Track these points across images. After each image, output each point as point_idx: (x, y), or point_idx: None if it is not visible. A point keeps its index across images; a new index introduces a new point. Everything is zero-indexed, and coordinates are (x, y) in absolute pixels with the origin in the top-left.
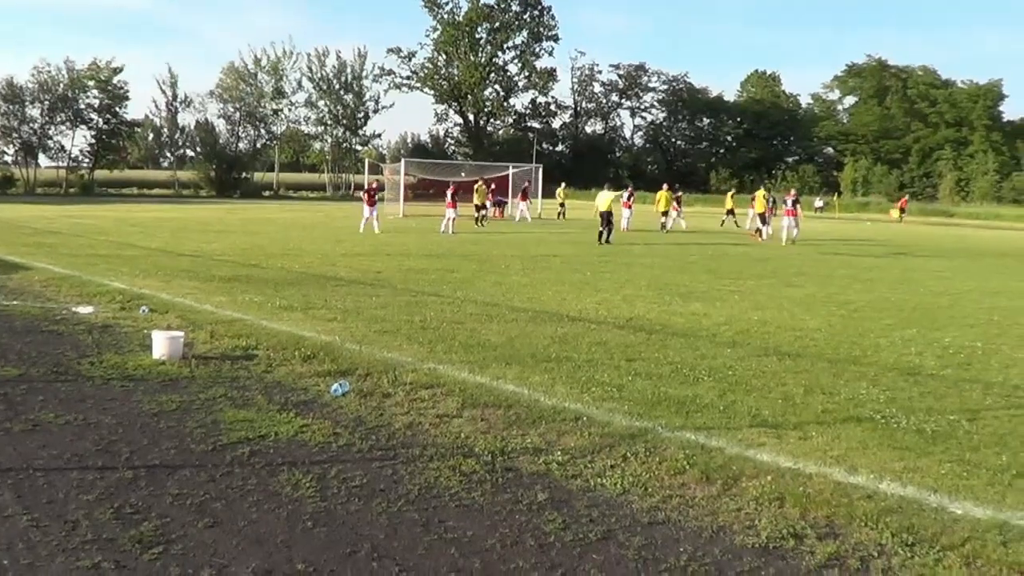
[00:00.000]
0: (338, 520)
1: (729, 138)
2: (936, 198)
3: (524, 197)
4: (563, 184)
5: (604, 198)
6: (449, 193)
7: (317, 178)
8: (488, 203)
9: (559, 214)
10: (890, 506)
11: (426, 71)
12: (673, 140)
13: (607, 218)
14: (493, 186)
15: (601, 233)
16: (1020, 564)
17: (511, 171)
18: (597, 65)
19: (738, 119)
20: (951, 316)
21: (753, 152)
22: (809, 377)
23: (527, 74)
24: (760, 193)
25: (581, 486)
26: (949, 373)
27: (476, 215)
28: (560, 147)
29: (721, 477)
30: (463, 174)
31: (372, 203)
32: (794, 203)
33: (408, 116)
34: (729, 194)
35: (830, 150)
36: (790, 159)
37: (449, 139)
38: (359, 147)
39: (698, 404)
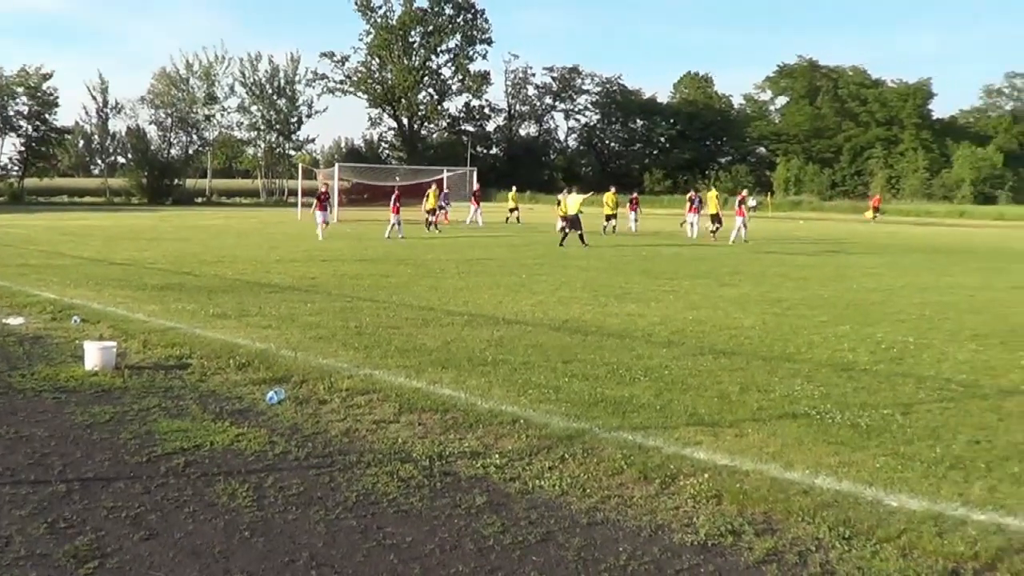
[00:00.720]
0: (276, 529)
1: (663, 139)
2: (867, 196)
3: (477, 201)
4: (514, 188)
5: (573, 201)
6: (393, 198)
7: (250, 184)
8: (443, 206)
9: (508, 219)
10: (826, 500)
11: (359, 75)
12: (607, 142)
13: (575, 221)
14: (447, 190)
15: (564, 236)
16: (956, 554)
17: (445, 175)
18: (531, 68)
19: (671, 120)
20: (883, 312)
21: (687, 153)
22: (744, 375)
23: (461, 77)
24: (713, 194)
25: (519, 489)
26: (882, 368)
27: (428, 219)
28: (495, 150)
29: (659, 476)
30: (397, 178)
31: (323, 208)
32: (740, 203)
33: (342, 121)
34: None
35: (762, 150)
36: (723, 159)
37: (383, 143)
38: (292, 152)
39: (635, 404)
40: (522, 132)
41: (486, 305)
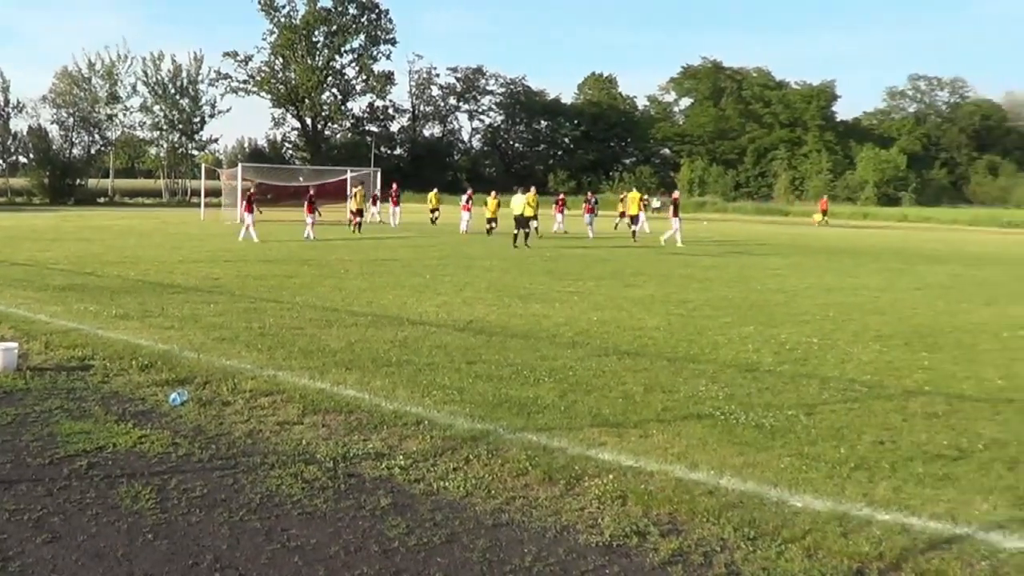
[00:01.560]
0: (179, 532)
1: (567, 140)
2: (771, 197)
3: (396, 202)
4: (435, 190)
5: (518, 201)
6: (307, 199)
7: (153, 184)
8: (373, 207)
9: (434, 220)
10: (731, 501)
11: (263, 75)
12: (511, 143)
13: (524, 221)
14: (395, 187)
15: (516, 236)
16: (860, 554)
17: (349, 175)
18: (435, 68)
19: (576, 121)
20: (787, 313)
21: (591, 154)
22: (649, 376)
23: (365, 78)
24: (635, 195)
25: (424, 490)
26: (786, 369)
27: (352, 220)
28: (399, 150)
29: (564, 477)
30: (301, 179)
31: (250, 210)
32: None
33: (245, 120)
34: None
35: (667, 151)
36: (628, 160)
37: (287, 144)
38: (196, 152)
39: (539, 405)
40: (426, 133)
41: (390, 306)
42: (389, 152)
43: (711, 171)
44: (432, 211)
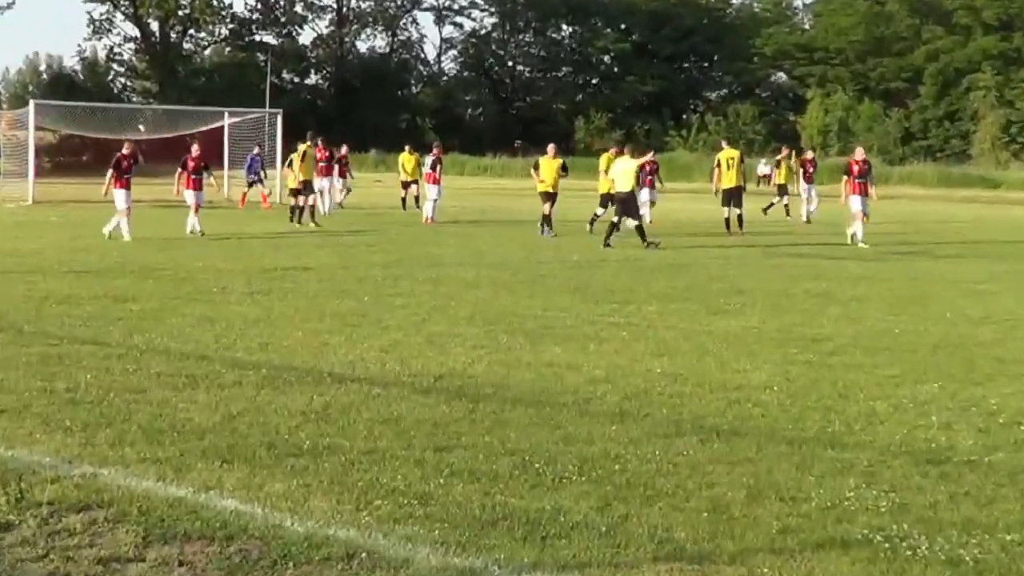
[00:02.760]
0: None
1: (607, 59)
2: (968, 156)
3: (342, 171)
4: (407, 148)
5: (625, 170)
6: (189, 164)
7: None
8: (338, 180)
9: (405, 200)
10: None
11: None
12: (509, 63)
13: (629, 203)
14: (345, 149)
15: (614, 225)
16: None
17: (228, 121)
18: None
19: (623, 27)
20: (1000, 359)
21: (649, 83)
22: (755, 471)
23: None
24: (728, 153)
25: None
26: (1001, 459)
27: (294, 204)
28: (314, 78)
29: None
30: (141, 127)
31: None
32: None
33: (39, 25)
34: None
35: (782, 77)
36: (713, 94)
37: (115, 64)
38: None
39: (563, 524)
40: (362, 47)
41: (300, 349)
42: (297, 80)
43: (861, 110)
44: (405, 185)
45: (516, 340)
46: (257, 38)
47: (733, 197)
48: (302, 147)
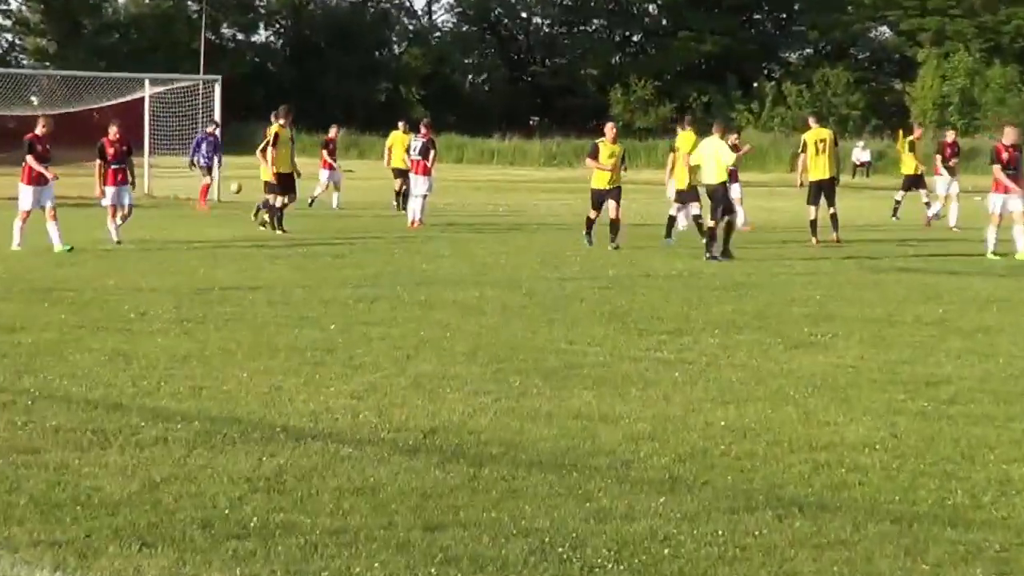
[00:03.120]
0: None
1: (653, 8)
2: None
3: (332, 155)
4: (400, 126)
5: (713, 154)
6: (108, 151)
7: None
8: (323, 173)
9: (400, 193)
10: None
11: None
12: (523, 15)
13: (722, 195)
14: (333, 131)
15: (711, 232)
16: None
17: (149, 91)
18: None
19: None
20: None
21: (708, 40)
22: (850, 557)
23: None
24: (817, 133)
25: None
26: None
27: (269, 202)
28: (263, 34)
29: None
30: (34, 99)
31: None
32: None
33: None
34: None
35: (885, 32)
36: (793, 55)
37: (1, 17)
38: None
39: None
40: None
41: (245, 396)
42: (241, 38)
43: (990, 76)
44: (399, 174)
45: (532, 383)
46: None
47: (824, 191)
48: (273, 127)
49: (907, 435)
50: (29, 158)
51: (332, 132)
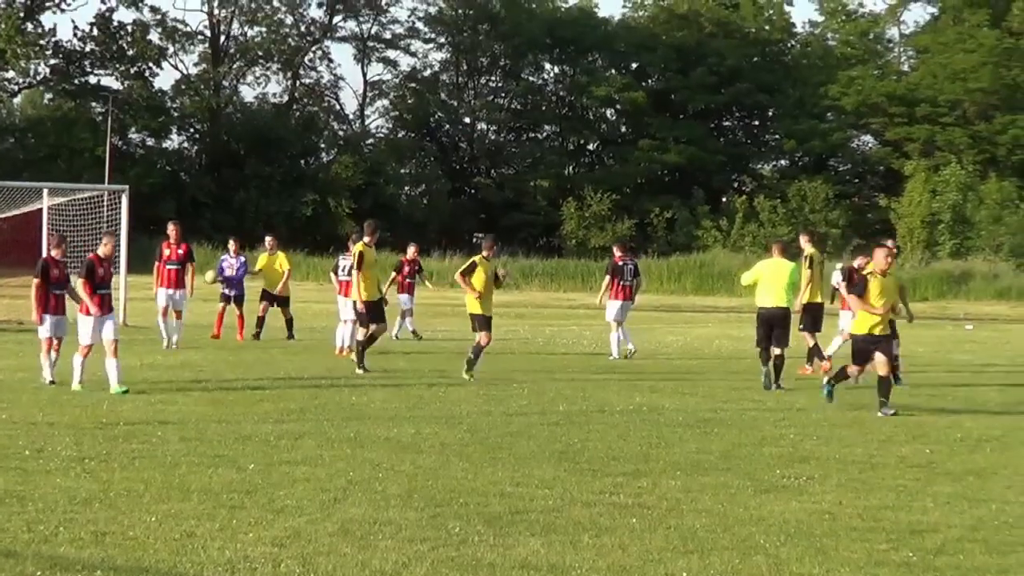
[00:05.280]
0: None
1: (611, 114)
2: None
3: (413, 277)
4: (412, 248)
5: (779, 276)
6: (52, 272)
7: None
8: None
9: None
10: None
11: None
12: (466, 120)
13: (780, 328)
14: (412, 251)
15: (769, 373)
16: None
17: (47, 202)
18: None
19: (635, 67)
20: None
21: (672, 150)
22: None
23: None
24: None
25: None
26: None
27: (264, 312)
28: (176, 139)
29: None
30: None
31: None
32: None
33: None
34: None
35: (869, 142)
36: (766, 166)
37: None
38: None
39: None
40: (248, 94)
41: (153, 543)
42: (152, 144)
43: (985, 191)
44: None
45: (473, 529)
46: (92, 79)
47: (815, 317)
48: (358, 246)
49: None
50: (85, 282)
51: (410, 252)
